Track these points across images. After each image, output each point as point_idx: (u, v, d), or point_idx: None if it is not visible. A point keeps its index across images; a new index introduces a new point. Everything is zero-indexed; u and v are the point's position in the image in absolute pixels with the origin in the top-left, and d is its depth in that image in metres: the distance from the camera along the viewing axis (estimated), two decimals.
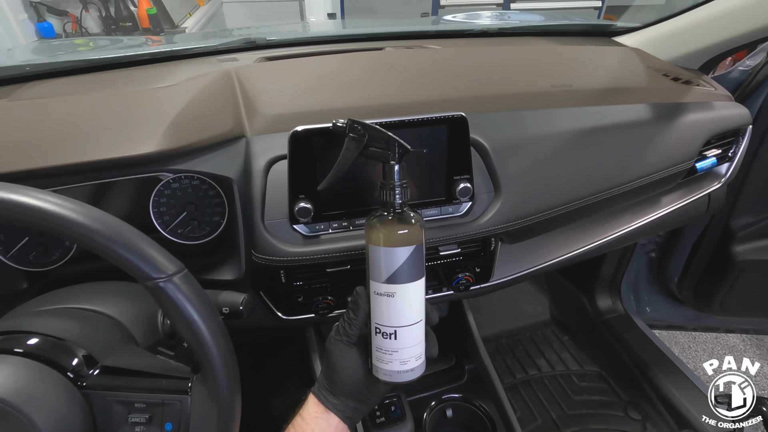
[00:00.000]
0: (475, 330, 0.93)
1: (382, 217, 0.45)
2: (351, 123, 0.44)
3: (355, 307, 0.47)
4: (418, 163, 0.58)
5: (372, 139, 0.44)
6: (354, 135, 0.44)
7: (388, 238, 0.44)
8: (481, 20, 1.34)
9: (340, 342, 0.47)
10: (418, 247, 0.44)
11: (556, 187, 0.67)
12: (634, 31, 1.00)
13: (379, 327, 0.45)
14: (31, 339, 0.42)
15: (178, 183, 0.60)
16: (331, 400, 0.48)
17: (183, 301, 0.37)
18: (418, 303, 0.46)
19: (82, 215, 0.35)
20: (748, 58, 0.96)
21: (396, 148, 0.44)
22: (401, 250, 0.43)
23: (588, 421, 1.06)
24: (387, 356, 0.46)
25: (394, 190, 0.44)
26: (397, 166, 0.44)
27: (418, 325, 0.46)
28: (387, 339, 0.45)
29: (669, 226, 1.00)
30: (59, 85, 0.75)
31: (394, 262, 0.43)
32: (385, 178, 0.45)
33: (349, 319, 0.47)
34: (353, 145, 0.44)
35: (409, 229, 0.44)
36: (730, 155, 0.88)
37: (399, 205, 0.45)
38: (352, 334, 0.47)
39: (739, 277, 1.12)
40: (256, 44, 0.94)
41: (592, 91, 0.76)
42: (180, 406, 0.40)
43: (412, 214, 0.45)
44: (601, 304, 1.31)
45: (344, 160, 0.45)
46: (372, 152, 0.44)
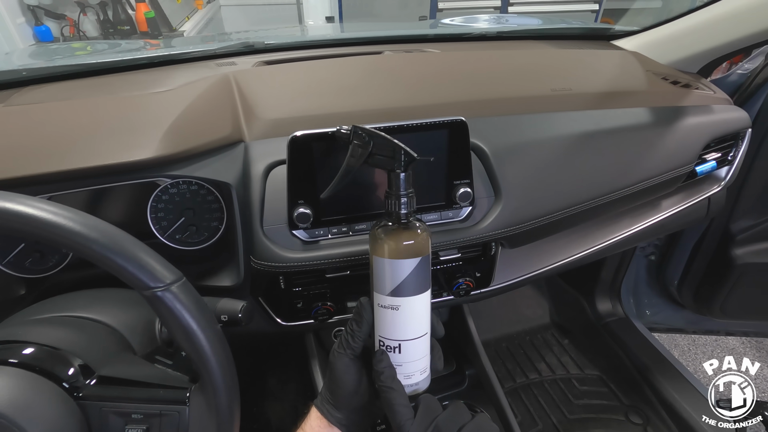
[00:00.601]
0: (475, 335, 0.93)
1: (386, 227, 0.43)
2: (355, 130, 0.42)
3: (359, 319, 0.45)
4: (418, 168, 0.57)
5: (377, 147, 0.42)
6: (358, 142, 0.42)
7: (393, 249, 0.42)
8: (480, 24, 1.34)
9: (343, 355, 0.45)
10: (424, 258, 0.43)
11: (557, 191, 0.67)
12: (632, 34, 1.00)
13: (383, 340, 0.44)
14: (26, 349, 0.41)
15: (176, 188, 0.60)
16: (334, 414, 0.47)
17: (181, 311, 0.36)
18: (424, 316, 0.44)
19: (79, 224, 0.35)
20: (747, 62, 0.96)
21: (402, 156, 0.41)
22: (407, 262, 0.42)
23: (589, 426, 1.05)
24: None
25: (399, 200, 0.42)
26: (402, 175, 0.42)
27: (423, 339, 0.45)
28: (391, 353, 0.44)
29: (669, 229, 0.99)
30: (56, 90, 0.74)
31: (399, 274, 0.42)
32: (390, 187, 0.42)
33: (353, 331, 0.46)
34: (358, 153, 0.42)
35: (415, 240, 0.42)
36: (730, 158, 0.88)
37: (405, 215, 0.43)
38: (355, 347, 0.45)
39: (739, 280, 1.12)
40: (255, 48, 0.94)
41: (592, 95, 0.76)
42: (178, 416, 0.40)
43: (418, 225, 0.43)
44: (601, 308, 1.31)
45: (348, 167, 0.44)
46: (377, 160, 0.42)
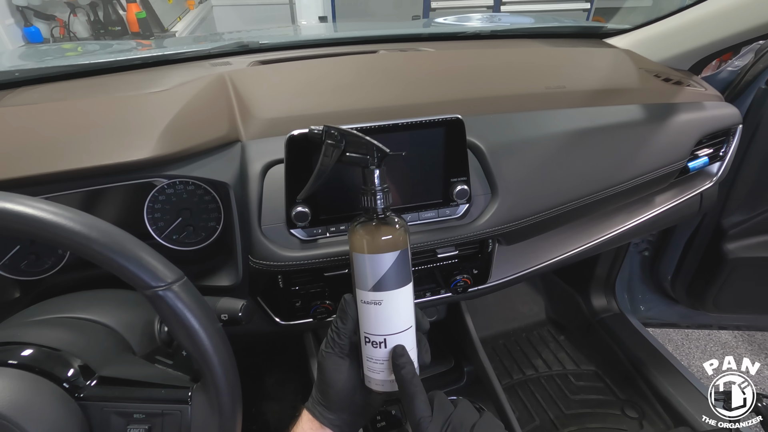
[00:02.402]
0: (473, 332, 0.93)
1: (364, 223, 0.44)
2: (327, 129, 0.43)
3: (343, 316, 0.45)
4: (415, 166, 0.58)
5: (349, 145, 0.42)
6: (331, 141, 0.43)
7: (372, 244, 0.42)
8: (473, 23, 1.34)
9: (332, 354, 0.45)
10: (404, 251, 0.43)
11: (552, 188, 0.68)
12: (624, 32, 1.01)
13: (369, 336, 0.44)
14: (25, 350, 0.41)
15: (172, 188, 0.59)
16: (326, 415, 0.46)
17: (183, 310, 0.36)
18: (407, 310, 0.45)
19: (79, 223, 0.35)
20: (737, 59, 0.98)
21: (375, 152, 0.42)
22: (386, 256, 0.42)
23: (585, 421, 1.06)
24: (378, 366, 0.44)
25: (375, 196, 0.43)
26: (377, 171, 0.43)
27: (409, 332, 0.45)
28: (377, 348, 0.44)
29: (662, 225, 1.00)
30: (50, 91, 0.73)
31: (380, 268, 0.42)
32: (365, 184, 0.43)
33: (338, 328, 0.45)
34: (331, 152, 0.43)
35: (393, 234, 0.43)
36: (721, 154, 0.89)
37: (381, 210, 0.43)
38: (342, 345, 0.45)
39: (731, 274, 1.13)
40: (249, 48, 0.94)
41: (586, 93, 0.77)
42: (180, 415, 0.40)
43: (395, 219, 0.44)
44: (596, 304, 1.32)
45: (322, 167, 0.44)
46: (350, 158, 0.43)
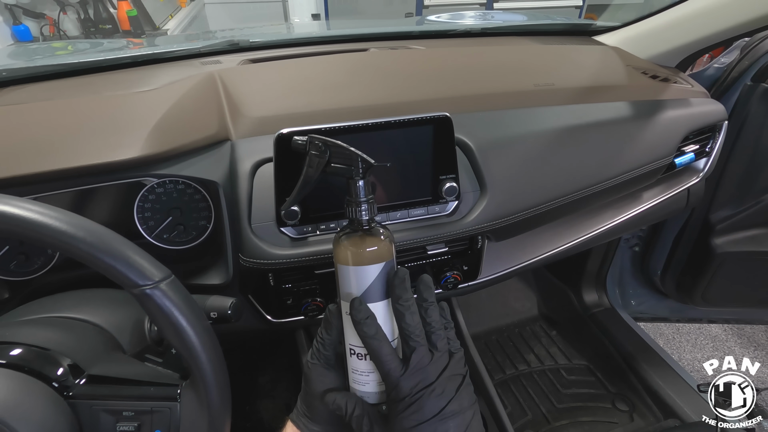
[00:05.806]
0: (464, 328, 0.94)
1: (349, 234, 0.43)
2: (311, 140, 0.42)
3: (328, 326, 0.45)
4: (404, 164, 0.58)
5: (334, 156, 0.42)
6: (315, 152, 0.42)
7: (356, 256, 0.42)
8: (465, 20, 1.35)
9: (317, 365, 0.45)
10: (389, 263, 0.43)
11: (541, 184, 0.68)
12: (613, 30, 1.02)
13: (353, 348, 0.44)
14: (14, 349, 0.41)
15: (162, 188, 0.60)
16: (310, 427, 0.45)
17: (170, 308, 0.37)
18: (392, 321, 0.44)
19: (65, 223, 0.35)
20: (723, 56, 0.99)
21: (359, 163, 0.41)
22: (371, 268, 0.42)
23: (577, 414, 1.07)
24: (363, 378, 0.44)
25: (359, 207, 0.42)
26: (361, 182, 0.42)
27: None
28: (362, 360, 0.43)
29: (651, 220, 1.02)
30: (38, 90, 0.73)
31: (365, 280, 0.42)
32: (350, 195, 0.42)
33: (323, 339, 0.45)
34: (315, 163, 0.42)
35: (378, 245, 0.42)
36: (708, 150, 0.90)
37: (366, 221, 0.43)
38: (327, 356, 0.45)
39: (719, 268, 1.15)
40: (240, 46, 0.94)
41: (574, 90, 0.77)
42: (169, 413, 0.40)
43: (381, 230, 0.43)
44: (588, 299, 1.34)
45: (307, 178, 0.43)
46: (335, 169, 0.42)
